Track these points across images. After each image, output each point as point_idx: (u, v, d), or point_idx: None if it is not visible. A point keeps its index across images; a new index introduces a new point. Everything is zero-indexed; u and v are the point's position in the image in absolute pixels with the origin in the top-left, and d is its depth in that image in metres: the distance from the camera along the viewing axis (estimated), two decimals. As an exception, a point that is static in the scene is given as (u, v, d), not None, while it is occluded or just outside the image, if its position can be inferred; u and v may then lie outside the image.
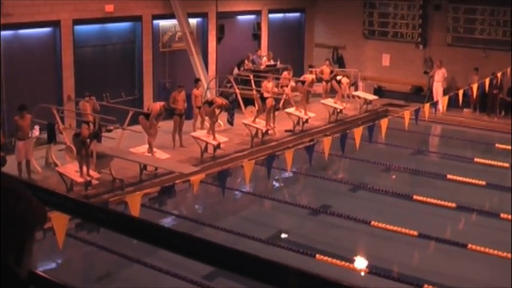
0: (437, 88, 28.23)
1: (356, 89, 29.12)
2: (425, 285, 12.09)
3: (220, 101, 21.73)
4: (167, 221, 16.53)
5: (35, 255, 2.22)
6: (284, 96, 24.87)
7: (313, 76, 26.24)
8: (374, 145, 20.58)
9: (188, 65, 25.20)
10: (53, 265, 14.07)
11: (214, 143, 20.87)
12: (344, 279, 2.37)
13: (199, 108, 22.43)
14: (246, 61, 28.50)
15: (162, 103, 20.01)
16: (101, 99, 22.27)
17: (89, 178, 17.42)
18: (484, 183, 17.34)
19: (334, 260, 13.23)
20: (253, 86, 25.34)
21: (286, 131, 24.11)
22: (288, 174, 19.39)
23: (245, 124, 22.82)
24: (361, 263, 14.35)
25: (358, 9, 31.30)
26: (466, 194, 17.73)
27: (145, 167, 18.90)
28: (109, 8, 23.35)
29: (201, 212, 18.92)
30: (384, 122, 18.50)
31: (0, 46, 19.93)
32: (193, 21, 26.61)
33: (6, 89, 20.31)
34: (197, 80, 23.57)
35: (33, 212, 2.18)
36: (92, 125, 18.85)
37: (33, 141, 18.96)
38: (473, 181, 17.46)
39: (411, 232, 14.48)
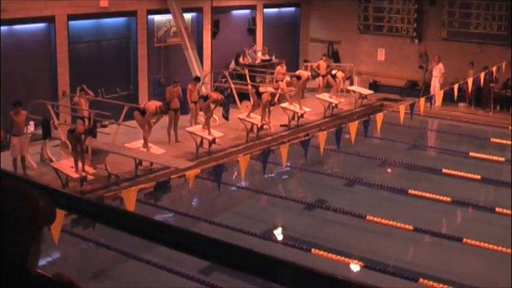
0: (435, 83, 28.21)
1: (351, 84, 29.13)
2: (420, 279, 12.12)
3: (216, 95, 21.71)
4: (162, 217, 16.50)
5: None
6: (279, 91, 24.85)
7: (309, 73, 26.21)
8: (369, 140, 20.58)
9: (183, 60, 25.18)
10: (48, 261, 14.04)
11: (210, 138, 20.86)
12: (339, 274, 2.38)
13: (195, 103, 22.41)
14: (242, 56, 28.50)
15: (158, 104, 19.84)
16: (96, 94, 22.22)
17: (84, 174, 17.40)
18: (479, 177, 17.37)
19: (329, 255, 13.25)
20: (249, 81, 25.32)
21: (281, 125, 24.10)
22: (283, 169, 19.37)
23: (240, 119, 22.80)
24: (356, 257, 14.36)
25: (353, 4, 31.28)
26: (461, 188, 17.75)
27: (140, 162, 18.90)
28: (103, 3, 23.32)
29: (197, 207, 18.91)
30: (379, 117, 18.50)
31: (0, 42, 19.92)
32: (188, 16, 26.58)
33: (0, 85, 20.27)
34: (197, 78, 23.53)
35: (38, 213, 2.18)
36: (87, 121, 18.82)
37: (28, 137, 18.93)
38: (469, 175, 17.49)
39: (406, 226, 14.50)
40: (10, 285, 2.06)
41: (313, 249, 13.39)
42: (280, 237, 15.85)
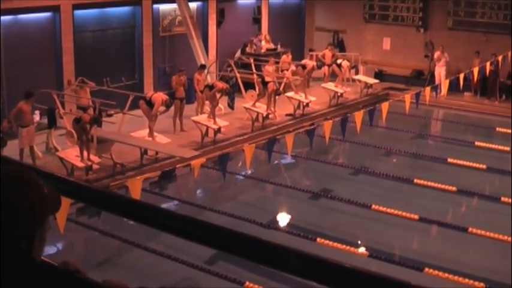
0: (441, 72, 28.15)
1: (356, 73, 29.09)
2: (426, 269, 12.11)
3: (221, 85, 21.71)
4: (168, 206, 16.52)
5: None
6: (285, 80, 24.83)
7: (314, 63, 26.15)
8: (375, 129, 20.57)
9: (188, 49, 25.14)
10: (54, 249, 14.08)
11: (215, 127, 20.86)
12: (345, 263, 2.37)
13: (201, 92, 22.37)
14: (249, 45, 28.50)
15: (165, 97, 19.75)
16: (101, 83, 22.27)
17: (89, 163, 17.43)
18: (484, 167, 17.34)
19: (335, 244, 13.25)
20: (254, 70, 25.29)
21: (286, 115, 24.09)
22: (288, 158, 19.37)
23: (246, 108, 22.81)
24: (361, 246, 14.37)
25: (358, -7, 31.21)
26: (467, 177, 17.73)
27: (145, 151, 18.91)
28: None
29: (202, 196, 18.94)
30: (384, 106, 18.48)
31: (0, 31, 19.88)
32: (193, 5, 26.53)
33: (5, 75, 20.27)
34: (203, 66, 23.46)
35: (43, 201, 2.18)
36: (92, 110, 18.82)
37: (34, 126, 18.93)
38: (474, 165, 17.44)
39: (412, 216, 14.48)
40: (15, 272, 2.06)
41: (318, 239, 13.39)
42: (285, 226, 15.86)
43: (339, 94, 26.37)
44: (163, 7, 25.87)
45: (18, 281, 2.04)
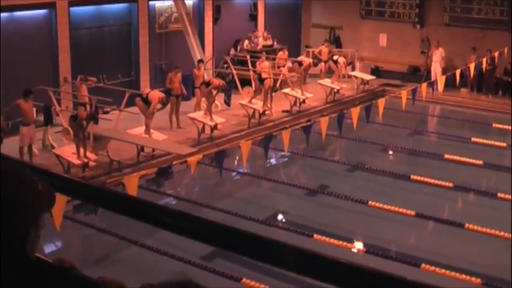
0: (436, 68, 28.18)
1: (353, 69, 29.08)
2: (423, 265, 12.12)
3: (217, 81, 21.69)
4: (164, 202, 16.51)
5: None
6: (281, 76, 24.82)
7: (310, 60, 26.15)
8: (371, 125, 20.57)
9: (185, 46, 25.09)
10: (50, 246, 14.07)
11: (211, 123, 20.85)
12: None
13: (198, 88, 22.34)
14: (246, 41, 28.49)
15: (161, 96, 19.71)
16: (98, 80, 22.21)
17: (86, 160, 17.41)
18: (481, 162, 17.34)
19: (331, 240, 13.25)
20: (250, 67, 25.29)
21: (283, 111, 24.08)
22: (285, 154, 19.37)
23: (242, 105, 22.79)
24: (358, 242, 14.37)
25: (355, -11, 31.19)
26: (464, 173, 17.74)
27: (142, 148, 18.90)
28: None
29: (199, 193, 18.92)
30: (381, 102, 18.49)
31: (-2, 28, 19.86)
32: (189, 2, 26.49)
33: (1, 72, 20.22)
34: (200, 61, 23.39)
35: (38, 198, 2.17)
36: (88, 107, 18.80)
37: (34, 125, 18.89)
38: (471, 161, 17.46)
39: (408, 212, 14.49)
40: (9, 270, 2.05)
41: (315, 235, 13.38)
42: (282, 222, 15.86)
43: (335, 90, 26.37)
44: (159, 4, 25.84)
45: (12, 279, 2.04)
